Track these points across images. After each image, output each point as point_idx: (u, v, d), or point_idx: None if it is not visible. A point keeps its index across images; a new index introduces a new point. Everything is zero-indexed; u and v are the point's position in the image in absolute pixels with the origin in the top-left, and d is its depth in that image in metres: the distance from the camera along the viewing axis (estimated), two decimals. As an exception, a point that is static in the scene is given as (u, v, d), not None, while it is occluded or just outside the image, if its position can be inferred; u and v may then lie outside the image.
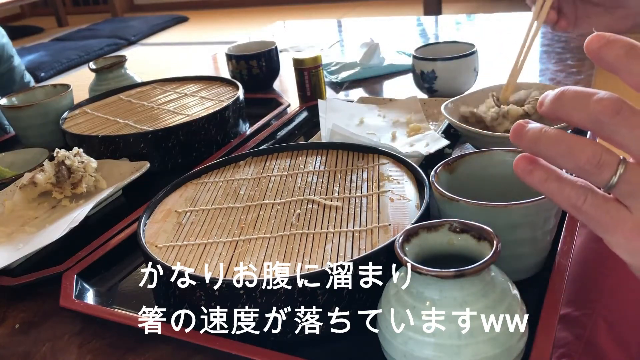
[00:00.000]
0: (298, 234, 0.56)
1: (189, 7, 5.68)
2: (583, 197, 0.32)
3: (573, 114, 0.32)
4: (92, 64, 1.11)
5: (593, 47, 0.31)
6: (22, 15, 6.23)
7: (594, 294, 0.71)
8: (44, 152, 0.86)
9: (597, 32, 0.32)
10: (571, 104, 0.32)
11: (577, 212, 0.33)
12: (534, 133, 0.33)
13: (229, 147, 0.88)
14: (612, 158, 0.31)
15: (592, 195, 0.32)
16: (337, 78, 1.18)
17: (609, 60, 0.31)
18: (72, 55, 4.11)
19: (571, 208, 0.33)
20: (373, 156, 0.69)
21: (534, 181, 0.34)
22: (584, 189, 0.33)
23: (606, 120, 0.31)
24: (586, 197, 0.32)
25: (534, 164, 0.34)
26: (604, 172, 0.32)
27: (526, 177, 0.34)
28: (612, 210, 0.32)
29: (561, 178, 0.33)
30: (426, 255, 0.44)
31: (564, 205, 0.33)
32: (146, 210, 0.63)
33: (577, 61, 1.08)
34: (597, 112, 0.31)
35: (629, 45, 0.31)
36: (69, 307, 0.57)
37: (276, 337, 0.49)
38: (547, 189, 0.33)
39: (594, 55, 0.32)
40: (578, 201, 0.33)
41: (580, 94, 0.32)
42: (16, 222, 0.72)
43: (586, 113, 0.31)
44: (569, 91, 0.32)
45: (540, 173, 0.33)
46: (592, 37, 0.32)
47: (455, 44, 1.00)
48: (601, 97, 0.31)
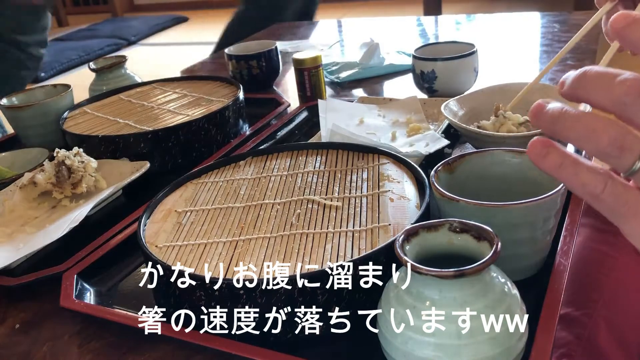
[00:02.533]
0: (298, 234, 0.56)
1: (189, 7, 5.68)
2: (602, 184, 0.30)
3: (594, 94, 0.30)
4: (92, 64, 1.11)
5: (618, 25, 0.30)
6: (22, 15, 6.22)
7: (594, 294, 0.71)
8: (44, 152, 0.86)
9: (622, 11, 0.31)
10: (593, 84, 0.30)
11: (595, 200, 0.31)
12: (553, 112, 0.31)
13: (229, 147, 0.88)
14: (636, 141, 0.29)
15: (612, 183, 0.30)
16: (337, 78, 1.18)
17: (633, 39, 0.30)
18: (72, 55, 4.10)
19: (589, 196, 0.31)
20: (373, 156, 0.69)
21: (548, 166, 0.31)
22: (603, 176, 0.30)
23: (629, 102, 0.29)
24: (605, 184, 0.30)
25: (549, 147, 0.31)
26: (627, 156, 0.30)
27: (540, 162, 0.31)
28: (632, 198, 0.30)
29: (578, 163, 0.31)
30: (426, 255, 0.44)
31: (580, 192, 0.31)
32: (146, 210, 0.63)
33: (577, 61, 1.08)
34: (621, 93, 0.29)
35: None
36: (69, 307, 0.57)
37: (276, 337, 0.49)
38: (563, 174, 0.31)
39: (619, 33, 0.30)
40: (597, 189, 0.30)
41: (604, 74, 0.30)
42: (16, 222, 0.72)
43: (609, 94, 0.30)
44: (592, 71, 0.31)
45: (555, 157, 0.31)
46: (618, 16, 0.30)
47: (455, 44, 1.00)
48: (625, 78, 0.29)
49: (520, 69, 1.16)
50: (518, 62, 1.20)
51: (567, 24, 1.41)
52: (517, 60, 1.21)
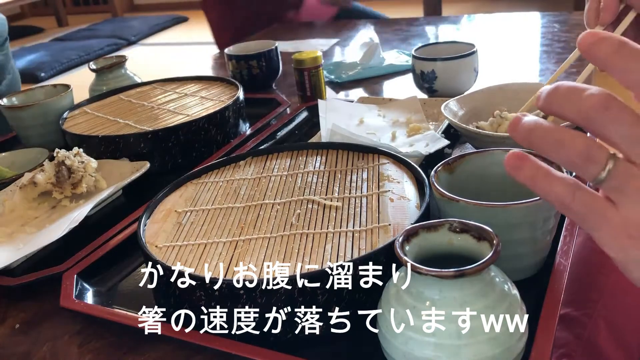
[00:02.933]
0: (298, 234, 0.56)
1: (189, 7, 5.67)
2: (571, 194, 0.32)
3: (565, 108, 0.32)
4: (92, 64, 1.11)
5: (585, 44, 0.32)
6: (22, 15, 6.23)
7: (594, 294, 0.70)
8: (44, 152, 0.86)
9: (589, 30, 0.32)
10: (564, 98, 0.32)
11: (566, 209, 0.33)
12: (528, 125, 0.33)
13: (229, 147, 0.88)
14: (601, 153, 0.31)
15: (580, 192, 0.32)
16: (337, 78, 1.18)
17: (599, 57, 0.32)
18: (72, 55, 4.11)
19: (559, 205, 0.33)
20: (373, 156, 0.69)
21: (522, 178, 0.34)
22: (572, 186, 0.32)
23: (595, 116, 0.31)
24: (574, 194, 0.32)
25: (523, 161, 0.33)
26: (593, 167, 0.31)
27: (515, 174, 0.34)
28: (599, 207, 0.32)
29: (549, 175, 0.33)
30: (426, 255, 0.44)
31: (552, 202, 0.33)
32: (146, 210, 0.63)
33: (577, 61, 1.08)
34: (587, 108, 0.31)
35: (619, 43, 0.31)
36: (69, 307, 0.57)
37: (276, 337, 0.49)
38: (536, 185, 0.33)
39: (586, 52, 0.32)
40: (566, 198, 0.32)
41: (573, 89, 0.32)
42: (16, 222, 0.72)
43: (577, 108, 0.32)
44: (563, 86, 0.33)
45: (528, 170, 0.33)
46: (585, 35, 0.32)
47: (455, 44, 1.00)
48: (591, 93, 0.31)
49: (520, 69, 1.16)
50: (518, 62, 1.20)
51: (567, 24, 1.41)
52: (517, 60, 1.21)
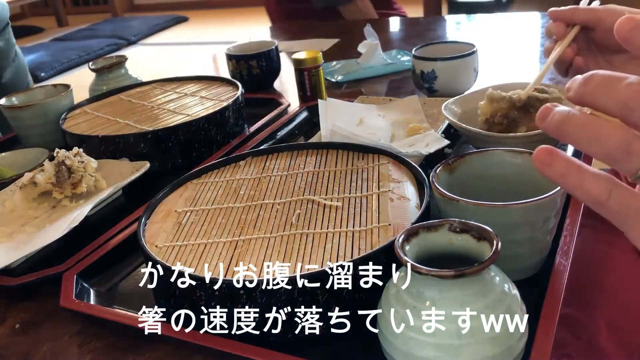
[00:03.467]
0: (298, 234, 0.56)
1: (189, 7, 5.68)
2: (607, 192, 0.30)
3: (600, 99, 0.30)
4: (92, 64, 1.11)
5: (624, 29, 0.30)
6: (22, 15, 6.23)
7: (594, 294, 0.70)
8: (44, 152, 0.86)
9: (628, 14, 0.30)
10: (599, 88, 0.30)
11: (601, 207, 0.31)
12: (560, 116, 0.31)
13: (229, 147, 0.88)
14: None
15: (617, 189, 0.30)
16: (337, 78, 1.18)
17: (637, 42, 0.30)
18: (72, 55, 4.11)
19: (594, 203, 0.31)
20: (373, 156, 0.69)
21: (553, 174, 0.31)
22: (608, 183, 0.30)
23: (635, 107, 0.29)
24: (610, 191, 0.30)
25: (553, 156, 0.31)
26: (634, 160, 0.29)
27: (545, 170, 0.31)
28: (637, 205, 0.30)
29: (582, 171, 0.30)
30: (426, 255, 0.44)
31: (585, 200, 0.31)
32: (146, 210, 0.63)
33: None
34: (627, 97, 0.29)
35: None
36: (69, 307, 0.57)
37: (276, 337, 0.49)
38: (567, 182, 0.31)
39: (624, 37, 0.30)
40: (601, 196, 0.30)
41: (609, 78, 0.30)
42: (16, 222, 0.72)
43: (615, 98, 0.30)
44: (598, 75, 0.30)
45: (559, 166, 0.31)
46: (623, 20, 0.30)
47: (455, 44, 1.00)
48: (631, 82, 0.29)
49: (520, 69, 1.16)
50: (518, 62, 1.20)
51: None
52: (517, 60, 1.21)
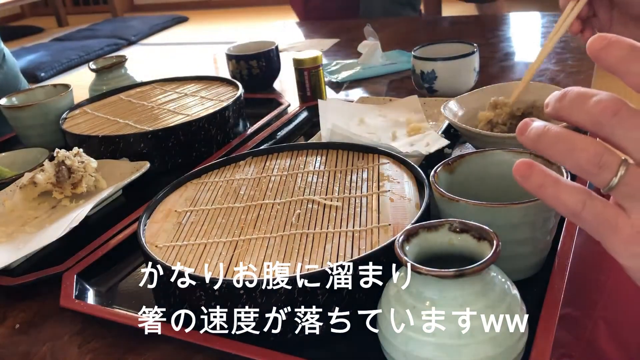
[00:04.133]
0: (298, 234, 0.56)
1: (189, 7, 5.67)
2: (581, 203, 0.32)
3: (574, 114, 0.32)
4: (92, 64, 1.11)
5: (595, 48, 0.31)
6: (22, 15, 6.23)
7: (594, 294, 0.70)
8: (44, 152, 0.86)
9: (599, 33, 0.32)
10: (572, 104, 0.32)
11: (576, 218, 0.33)
12: (537, 130, 0.33)
13: (229, 147, 0.88)
14: (613, 159, 0.31)
15: (591, 201, 0.32)
16: (337, 78, 1.18)
17: (610, 61, 0.31)
18: (72, 55, 4.10)
19: (569, 214, 0.33)
20: (373, 156, 0.69)
21: (530, 186, 0.33)
22: (582, 195, 0.32)
23: (605, 121, 0.31)
24: (584, 203, 0.32)
25: (532, 169, 0.33)
26: (605, 173, 0.31)
27: (523, 183, 0.34)
28: (610, 216, 0.32)
29: (558, 183, 0.32)
30: (426, 255, 0.44)
31: (561, 211, 0.33)
32: (146, 210, 0.63)
33: (577, 61, 1.08)
34: (596, 113, 0.31)
35: (630, 47, 0.31)
36: (69, 307, 0.57)
37: (276, 337, 0.49)
38: (544, 194, 0.33)
39: (596, 56, 0.31)
40: (576, 207, 0.32)
41: (581, 94, 0.32)
42: (16, 222, 0.72)
43: (586, 113, 0.31)
44: (572, 92, 0.32)
45: (537, 178, 0.33)
46: (594, 39, 0.31)
47: (455, 44, 1.00)
48: (600, 98, 0.31)
49: (520, 69, 1.16)
50: (518, 62, 1.20)
51: (567, 24, 1.41)
52: (517, 60, 1.21)
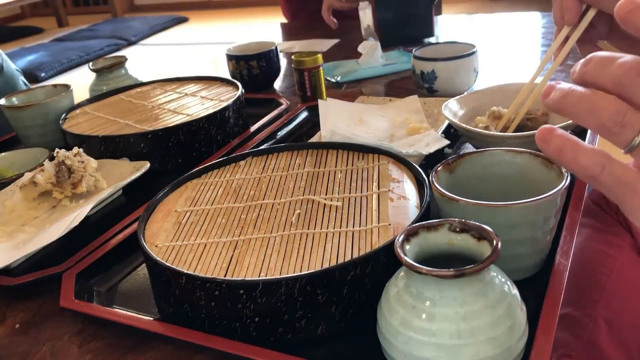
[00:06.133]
0: (298, 234, 0.56)
1: (189, 7, 5.68)
2: (600, 166, 0.32)
3: (598, 77, 0.32)
4: (92, 64, 1.11)
5: (623, 11, 0.32)
6: (22, 15, 6.23)
7: (594, 294, 0.71)
8: (44, 152, 0.86)
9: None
10: (597, 67, 0.32)
11: (595, 182, 0.33)
12: (561, 91, 0.33)
13: (229, 147, 0.88)
14: (636, 118, 0.31)
15: (610, 164, 0.32)
16: (337, 78, 1.18)
17: (635, 23, 0.32)
18: (72, 56, 4.11)
19: (588, 178, 0.33)
20: (373, 156, 0.69)
21: (550, 150, 0.33)
22: (601, 158, 0.32)
23: (628, 82, 0.31)
24: (603, 166, 0.32)
25: (552, 134, 0.33)
26: (627, 132, 0.31)
27: (544, 147, 0.34)
28: (630, 178, 0.32)
29: (577, 147, 0.32)
30: (426, 255, 0.44)
31: (580, 174, 0.33)
32: (146, 210, 0.63)
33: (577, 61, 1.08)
34: (620, 74, 0.31)
35: None
36: (69, 307, 0.57)
37: (276, 337, 0.49)
38: (563, 157, 0.33)
39: (624, 18, 0.32)
40: (595, 170, 0.32)
41: (606, 57, 0.32)
42: (16, 222, 0.72)
43: (609, 75, 0.32)
44: (596, 56, 0.33)
45: (556, 141, 0.33)
46: (622, 3, 0.32)
47: (455, 44, 1.00)
48: (624, 60, 0.31)
49: (520, 69, 1.16)
50: (518, 62, 1.20)
51: (567, 24, 1.41)
52: (517, 60, 1.21)
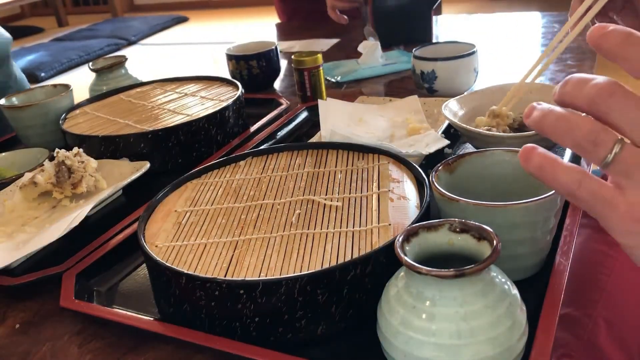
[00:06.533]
0: (298, 234, 0.56)
1: (189, 7, 5.68)
2: (577, 183, 0.33)
3: (575, 98, 0.34)
4: (92, 64, 1.11)
5: (594, 36, 0.33)
6: (22, 15, 6.23)
7: (594, 294, 0.71)
8: (44, 152, 0.86)
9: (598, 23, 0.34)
10: (573, 89, 0.34)
11: (573, 197, 0.34)
12: (540, 112, 0.35)
13: (229, 147, 0.88)
14: (609, 137, 0.33)
15: (586, 180, 0.33)
16: (337, 78, 1.18)
17: (607, 48, 0.33)
18: (72, 55, 4.11)
19: (567, 194, 0.34)
20: (373, 156, 0.69)
21: (531, 167, 0.35)
22: (578, 174, 0.33)
23: (601, 102, 0.32)
24: (580, 182, 0.33)
25: (532, 152, 0.35)
26: (600, 150, 0.33)
27: (525, 164, 0.35)
28: (605, 194, 0.33)
29: (556, 165, 0.34)
30: (426, 255, 0.44)
31: (560, 191, 0.34)
32: (146, 210, 0.63)
33: (577, 61, 1.08)
34: (593, 94, 0.33)
35: (627, 34, 0.32)
36: (69, 307, 0.57)
37: (276, 337, 0.49)
38: (543, 174, 0.34)
39: (595, 44, 0.33)
40: (572, 186, 0.33)
41: (581, 79, 0.34)
42: (16, 222, 0.72)
43: (585, 95, 0.33)
44: (573, 78, 0.34)
45: (537, 160, 0.34)
46: (594, 28, 0.33)
47: (455, 44, 1.00)
48: (598, 81, 0.33)
49: (520, 69, 1.16)
50: (518, 62, 1.20)
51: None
52: (517, 60, 1.21)
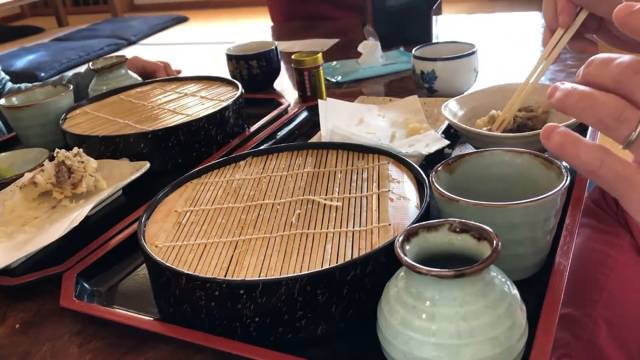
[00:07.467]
0: (298, 234, 0.56)
1: (189, 7, 5.68)
2: (599, 161, 0.33)
3: (598, 76, 0.34)
4: (92, 64, 1.11)
5: (620, 15, 0.33)
6: (22, 15, 6.23)
7: (594, 294, 0.71)
8: (44, 152, 0.86)
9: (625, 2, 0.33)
10: (598, 68, 0.34)
11: (594, 176, 0.34)
12: (564, 90, 0.35)
13: (229, 147, 0.88)
14: (633, 114, 0.32)
15: (609, 158, 0.33)
16: (337, 78, 1.18)
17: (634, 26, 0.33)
18: (72, 55, 4.10)
19: (588, 173, 0.34)
20: (373, 156, 0.69)
21: (552, 146, 0.34)
22: (600, 153, 0.33)
23: (626, 80, 0.32)
24: (602, 161, 0.33)
25: (553, 130, 0.34)
26: (624, 128, 0.32)
27: (546, 143, 0.35)
28: (628, 173, 0.33)
29: (578, 143, 0.33)
30: (426, 255, 0.44)
31: (581, 169, 0.34)
32: (146, 210, 0.63)
33: (577, 61, 1.08)
34: (618, 73, 0.32)
35: None
36: (69, 307, 0.57)
37: (276, 337, 0.49)
38: (563, 152, 0.34)
39: (621, 23, 0.33)
40: (594, 165, 0.33)
41: (606, 58, 0.34)
42: (16, 222, 0.72)
43: (609, 74, 0.33)
44: (597, 58, 0.34)
45: (558, 138, 0.34)
46: (619, 8, 0.33)
47: (455, 44, 1.00)
48: (622, 60, 0.33)
49: (520, 69, 1.16)
50: (518, 62, 1.20)
51: (567, 24, 1.41)
52: (517, 60, 1.21)
